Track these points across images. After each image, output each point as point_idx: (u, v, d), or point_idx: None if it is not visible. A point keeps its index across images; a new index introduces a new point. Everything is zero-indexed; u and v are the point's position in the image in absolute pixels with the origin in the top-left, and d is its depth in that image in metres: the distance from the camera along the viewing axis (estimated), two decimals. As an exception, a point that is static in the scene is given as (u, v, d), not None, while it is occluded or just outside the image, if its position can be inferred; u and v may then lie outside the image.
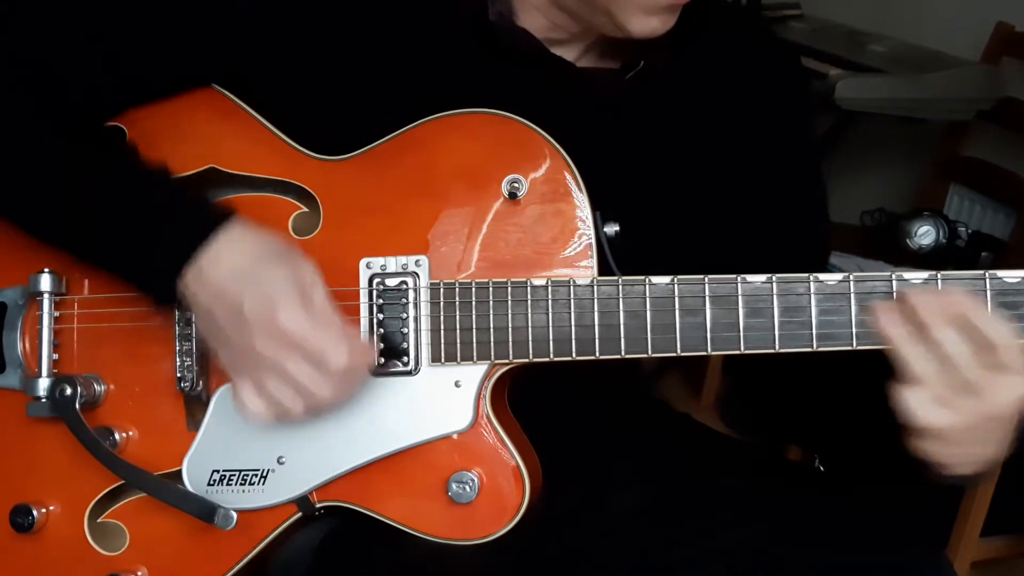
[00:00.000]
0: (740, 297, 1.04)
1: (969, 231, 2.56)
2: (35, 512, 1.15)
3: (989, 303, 1.01)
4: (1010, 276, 1.02)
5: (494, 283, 1.07)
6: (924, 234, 2.48)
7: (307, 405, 1.05)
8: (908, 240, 2.48)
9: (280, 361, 1.04)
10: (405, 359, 1.08)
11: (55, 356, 1.17)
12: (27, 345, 1.19)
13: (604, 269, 1.08)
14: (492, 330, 1.07)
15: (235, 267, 1.05)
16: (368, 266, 1.10)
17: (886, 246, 2.52)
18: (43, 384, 1.15)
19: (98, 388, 1.16)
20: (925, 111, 2.65)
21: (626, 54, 1.19)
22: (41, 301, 1.17)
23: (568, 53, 1.19)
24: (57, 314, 1.17)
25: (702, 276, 1.04)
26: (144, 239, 1.09)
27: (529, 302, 1.06)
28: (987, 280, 1.02)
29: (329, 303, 1.05)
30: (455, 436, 1.08)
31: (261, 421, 1.06)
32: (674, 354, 1.04)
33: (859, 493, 1.20)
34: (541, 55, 1.16)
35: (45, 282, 1.16)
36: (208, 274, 1.06)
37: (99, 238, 1.11)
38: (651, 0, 1.09)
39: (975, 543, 2.23)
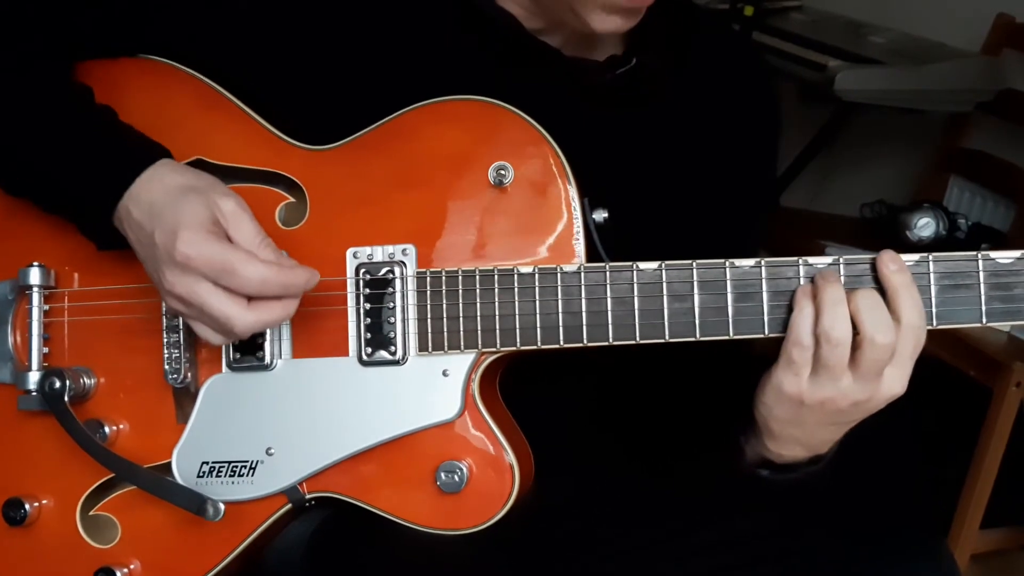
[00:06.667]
0: (728, 282, 1.03)
1: (969, 223, 2.55)
2: (27, 506, 1.15)
3: (982, 286, 1.01)
4: (1003, 257, 1.01)
5: (481, 271, 1.06)
6: (924, 226, 2.47)
7: (230, 332, 1.03)
8: (908, 232, 2.47)
9: (189, 292, 1.02)
10: (392, 348, 1.08)
11: (45, 350, 1.17)
12: (18, 339, 1.19)
13: (592, 256, 1.07)
14: (479, 318, 1.06)
15: (152, 202, 1.05)
16: (355, 256, 1.09)
17: (886, 238, 2.51)
18: (33, 377, 1.15)
19: (88, 381, 1.16)
20: (925, 103, 2.66)
21: (610, 45, 1.19)
22: (30, 295, 1.17)
23: (552, 41, 1.18)
24: (47, 308, 1.17)
25: (690, 262, 1.04)
26: (75, 178, 1.09)
27: (516, 289, 1.05)
28: (980, 261, 1.01)
29: (257, 236, 1.04)
30: (443, 425, 1.07)
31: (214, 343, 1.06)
32: (662, 340, 1.04)
33: (861, 484, 1.19)
34: (529, 41, 1.16)
35: (34, 276, 1.16)
36: (131, 211, 1.06)
37: (34, 176, 1.12)
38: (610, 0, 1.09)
39: (975, 535, 2.23)
